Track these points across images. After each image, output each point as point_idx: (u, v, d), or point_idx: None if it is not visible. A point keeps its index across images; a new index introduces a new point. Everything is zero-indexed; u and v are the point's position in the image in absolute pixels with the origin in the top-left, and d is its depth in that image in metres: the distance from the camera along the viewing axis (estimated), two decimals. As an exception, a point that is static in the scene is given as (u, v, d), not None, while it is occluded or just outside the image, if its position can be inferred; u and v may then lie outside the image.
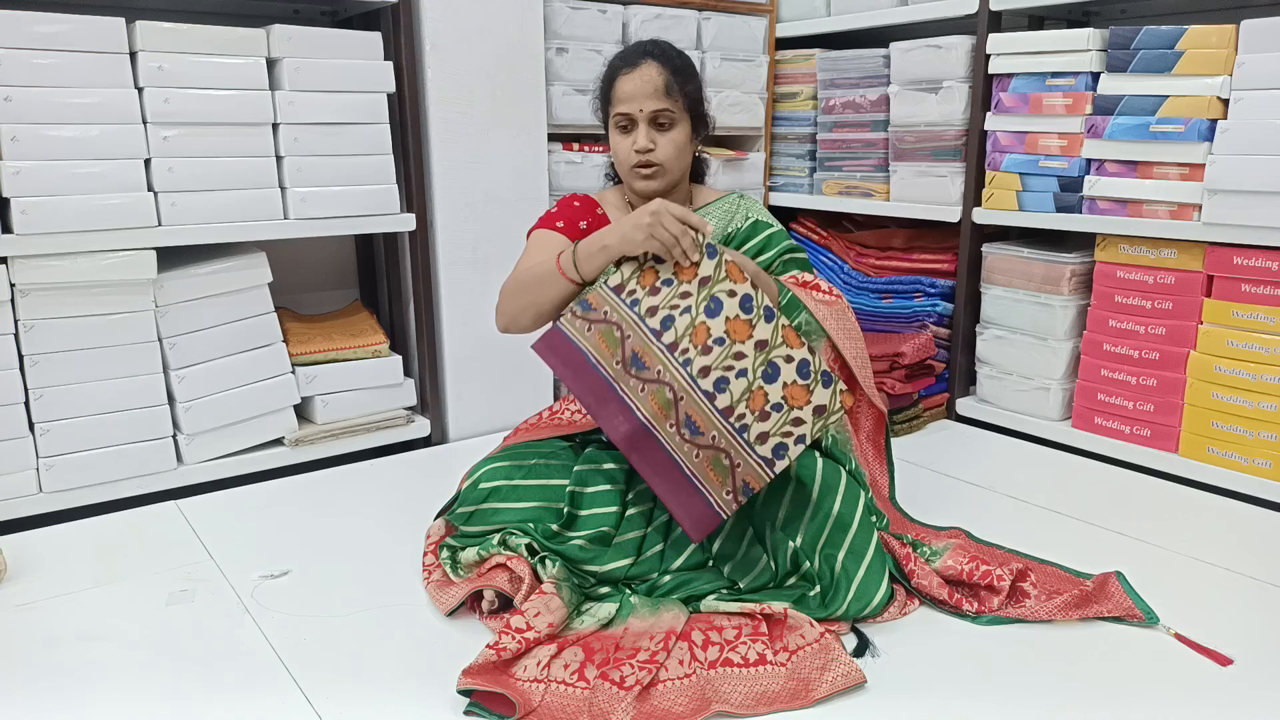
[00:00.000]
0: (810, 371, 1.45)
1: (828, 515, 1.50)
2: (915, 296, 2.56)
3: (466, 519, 1.58)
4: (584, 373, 1.48)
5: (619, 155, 1.67)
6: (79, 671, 1.35)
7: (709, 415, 1.44)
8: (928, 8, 2.48)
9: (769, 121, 2.87)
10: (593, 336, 1.49)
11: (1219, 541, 1.76)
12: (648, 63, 1.63)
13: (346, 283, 2.58)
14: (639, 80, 1.62)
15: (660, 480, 1.44)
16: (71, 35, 1.82)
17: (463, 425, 2.40)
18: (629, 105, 1.62)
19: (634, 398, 1.45)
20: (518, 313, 1.62)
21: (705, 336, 1.45)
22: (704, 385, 1.44)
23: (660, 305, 1.47)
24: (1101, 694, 1.28)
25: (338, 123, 2.11)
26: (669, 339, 1.46)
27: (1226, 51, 1.93)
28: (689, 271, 1.48)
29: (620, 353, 1.47)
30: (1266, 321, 1.94)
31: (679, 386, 1.44)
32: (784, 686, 1.28)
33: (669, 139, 1.64)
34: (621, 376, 1.46)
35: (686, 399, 1.44)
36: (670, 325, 1.46)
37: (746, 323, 1.45)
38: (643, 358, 1.46)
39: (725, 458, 1.43)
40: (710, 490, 1.43)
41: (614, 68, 1.67)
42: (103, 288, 1.91)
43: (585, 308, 1.50)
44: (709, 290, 1.46)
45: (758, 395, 1.43)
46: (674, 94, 1.62)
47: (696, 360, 1.44)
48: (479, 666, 1.27)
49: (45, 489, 1.91)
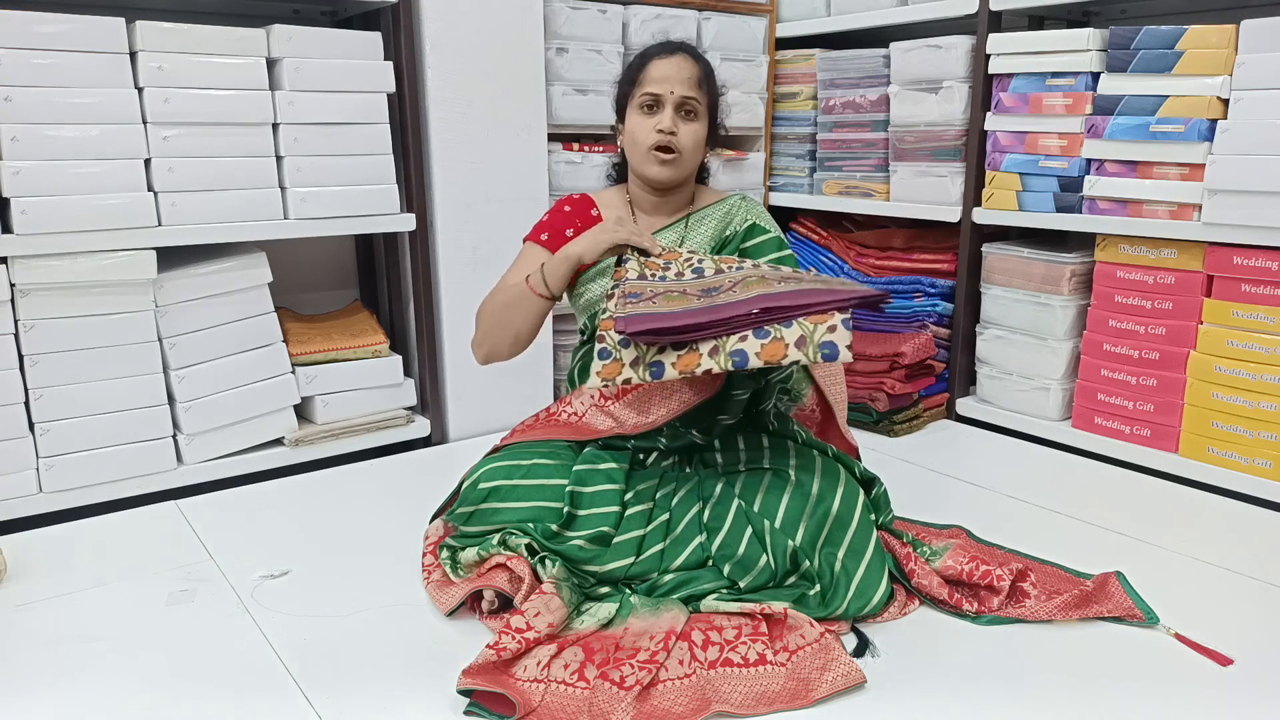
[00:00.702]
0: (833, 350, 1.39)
1: (827, 513, 1.50)
2: (915, 296, 2.56)
3: (466, 519, 1.58)
4: (683, 316, 1.41)
5: (637, 135, 1.67)
6: (79, 671, 1.35)
7: (788, 279, 1.48)
8: (928, 8, 2.48)
9: (769, 121, 2.87)
10: (661, 304, 1.46)
11: (1219, 541, 1.76)
12: (683, 54, 1.68)
13: (346, 283, 2.58)
14: (674, 66, 1.66)
15: (817, 298, 1.40)
16: (71, 35, 1.82)
17: (463, 425, 2.40)
18: (660, 86, 1.65)
19: (735, 295, 1.44)
20: (497, 340, 1.66)
21: (730, 263, 1.57)
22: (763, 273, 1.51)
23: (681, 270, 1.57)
24: (1101, 694, 1.28)
25: (338, 123, 2.11)
26: (710, 270, 1.56)
27: (1226, 51, 1.93)
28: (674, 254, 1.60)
29: (691, 298, 1.47)
30: (1266, 321, 1.94)
31: (755, 278, 1.49)
32: (784, 686, 1.28)
33: (692, 129, 1.67)
34: (711, 301, 1.44)
35: (768, 275, 1.50)
36: (701, 271, 1.57)
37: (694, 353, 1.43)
38: (710, 287, 1.50)
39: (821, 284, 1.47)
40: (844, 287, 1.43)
41: (647, 53, 1.70)
42: (103, 288, 1.91)
43: (635, 297, 1.48)
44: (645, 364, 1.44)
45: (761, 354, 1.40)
46: (703, 88, 1.68)
47: (742, 274, 1.52)
48: (479, 666, 1.27)
49: (45, 489, 1.91)
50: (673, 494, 1.59)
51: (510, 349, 1.68)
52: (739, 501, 1.54)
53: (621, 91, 1.73)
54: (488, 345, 1.68)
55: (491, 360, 1.70)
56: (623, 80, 1.74)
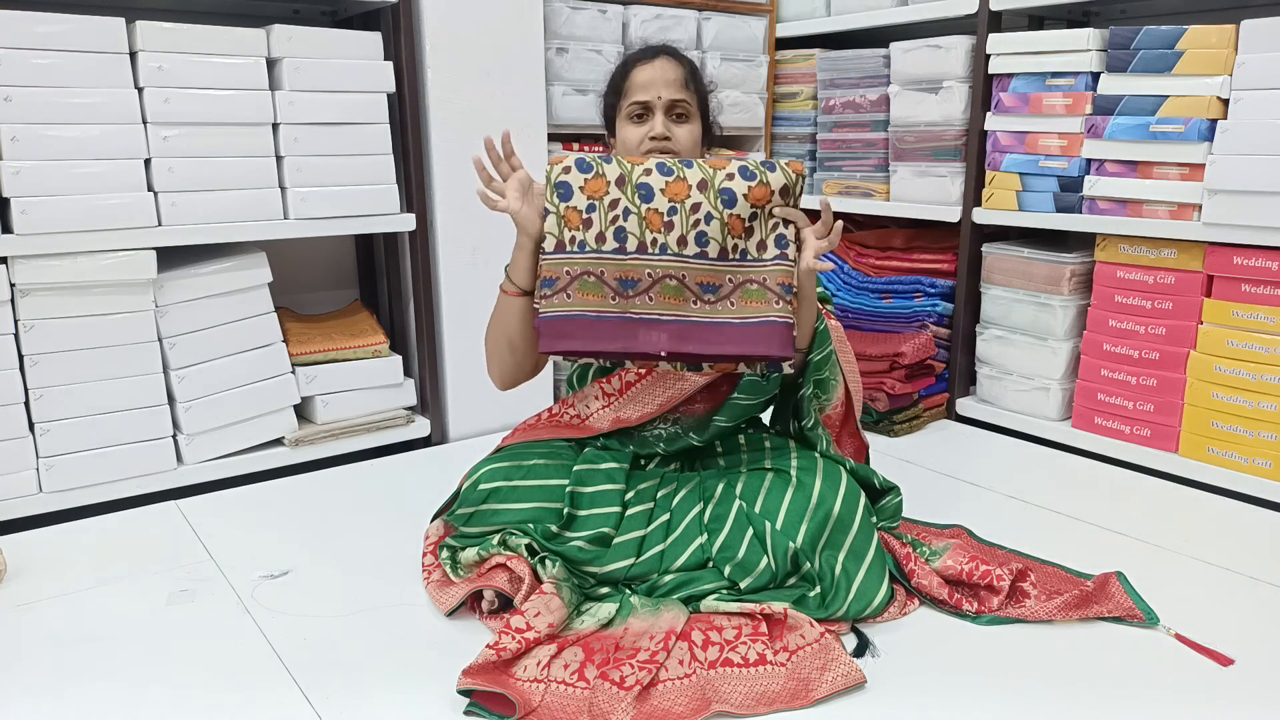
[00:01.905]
0: (752, 170, 1.47)
1: (828, 516, 1.50)
2: (915, 296, 2.56)
3: (466, 520, 1.58)
4: (596, 329, 1.47)
5: (629, 145, 1.62)
6: (79, 671, 1.35)
7: (713, 268, 1.47)
8: (928, 8, 2.48)
9: (769, 121, 2.87)
10: (575, 297, 1.48)
11: (1219, 541, 1.76)
12: (665, 57, 1.63)
13: (346, 283, 2.58)
14: (658, 69, 1.61)
15: (723, 346, 1.47)
16: (71, 35, 1.82)
17: (463, 425, 2.40)
18: (647, 93, 1.60)
19: (649, 310, 1.48)
20: (495, 353, 1.61)
21: (658, 218, 1.47)
22: (690, 251, 1.47)
23: (602, 229, 1.48)
24: (1101, 694, 1.28)
25: (338, 123, 2.11)
26: (633, 245, 1.47)
27: (1226, 51, 1.93)
28: (597, 184, 1.48)
29: (607, 289, 1.47)
30: (1266, 321, 1.94)
31: (674, 269, 1.47)
32: (784, 686, 1.28)
33: (685, 131, 1.62)
34: (625, 305, 1.48)
35: (688, 273, 1.47)
36: (624, 235, 1.48)
37: (680, 181, 1.47)
38: (628, 276, 1.47)
39: (751, 284, 1.47)
40: (763, 314, 1.46)
41: (629, 61, 1.65)
42: (103, 288, 1.91)
43: (549, 284, 1.49)
44: (631, 184, 1.48)
45: (733, 221, 1.46)
46: (690, 88, 1.62)
47: (668, 239, 1.47)
48: (479, 666, 1.27)
49: (45, 489, 1.91)
50: (673, 494, 1.59)
51: (512, 358, 1.60)
52: (740, 502, 1.54)
53: (608, 104, 1.68)
54: (493, 362, 1.64)
55: (506, 380, 1.65)
56: (607, 92, 1.68)
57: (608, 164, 1.49)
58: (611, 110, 1.67)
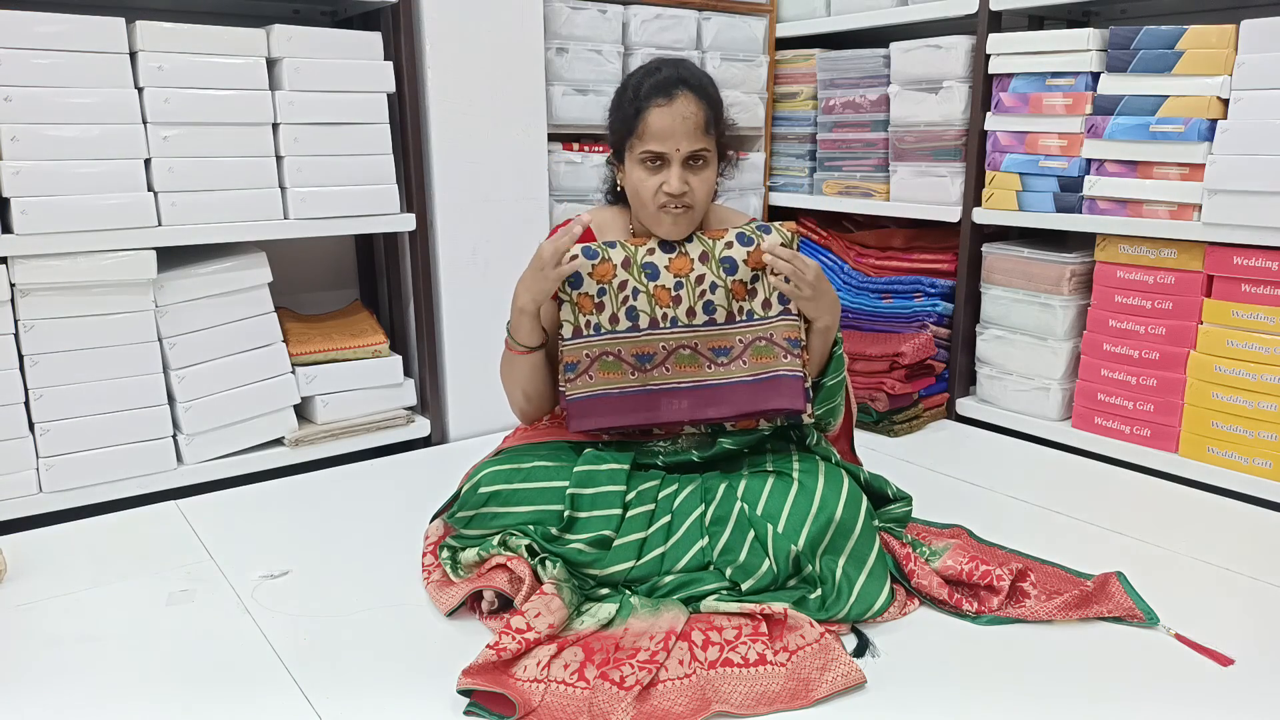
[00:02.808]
0: (749, 236, 1.57)
1: (830, 519, 1.49)
2: (915, 296, 2.56)
3: (467, 523, 1.58)
4: (621, 404, 1.59)
5: (642, 193, 1.52)
6: (79, 671, 1.35)
7: (722, 333, 1.59)
8: (928, 8, 2.48)
9: (769, 121, 2.87)
10: (598, 377, 1.59)
11: (1219, 541, 1.76)
12: (685, 95, 1.49)
13: (346, 283, 2.58)
14: (677, 116, 1.47)
15: (742, 406, 1.58)
16: (71, 35, 1.82)
17: (463, 425, 2.40)
18: (664, 144, 1.48)
19: (667, 380, 1.59)
20: (518, 399, 1.69)
21: (666, 294, 1.57)
22: (699, 321, 1.58)
23: (615, 310, 1.58)
24: (1101, 694, 1.28)
25: (338, 123, 2.11)
26: (645, 322, 1.58)
27: (1226, 51, 1.93)
28: (605, 269, 1.56)
29: (626, 366, 1.59)
30: (1266, 321, 1.94)
31: (686, 339, 1.59)
32: (784, 686, 1.28)
33: (702, 179, 1.52)
34: (645, 379, 1.59)
35: (699, 341, 1.59)
36: (635, 314, 1.58)
37: (683, 257, 1.57)
38: (644, 351, 1.59)
39: (760, 341, 1.58)
40: (774, 369, 1.57)
41: (645, 96, 1.49)
42: (103, 288, 1.90)
43: (571, 369, 1.59)
44: (637, 265, 1.57)
45: (736, 288, 1.57)
46: (711, 131, 1.52)
47: (678, 313, 1.58)
48: (479, 666, 1.27)
49: (45, 489, 1.91)
50: (674, 495, 1.59)
51: (530, 405, 1.69)
52: (742, 505, 1.54)
53: (617, 135, 1.56)
54: (514, 406, 1.72)
55: (529, 419, 1.73)
56: (616, 120, 1.55)
57: (612, 249, 1.58)
58: (620, 142, 1.56)
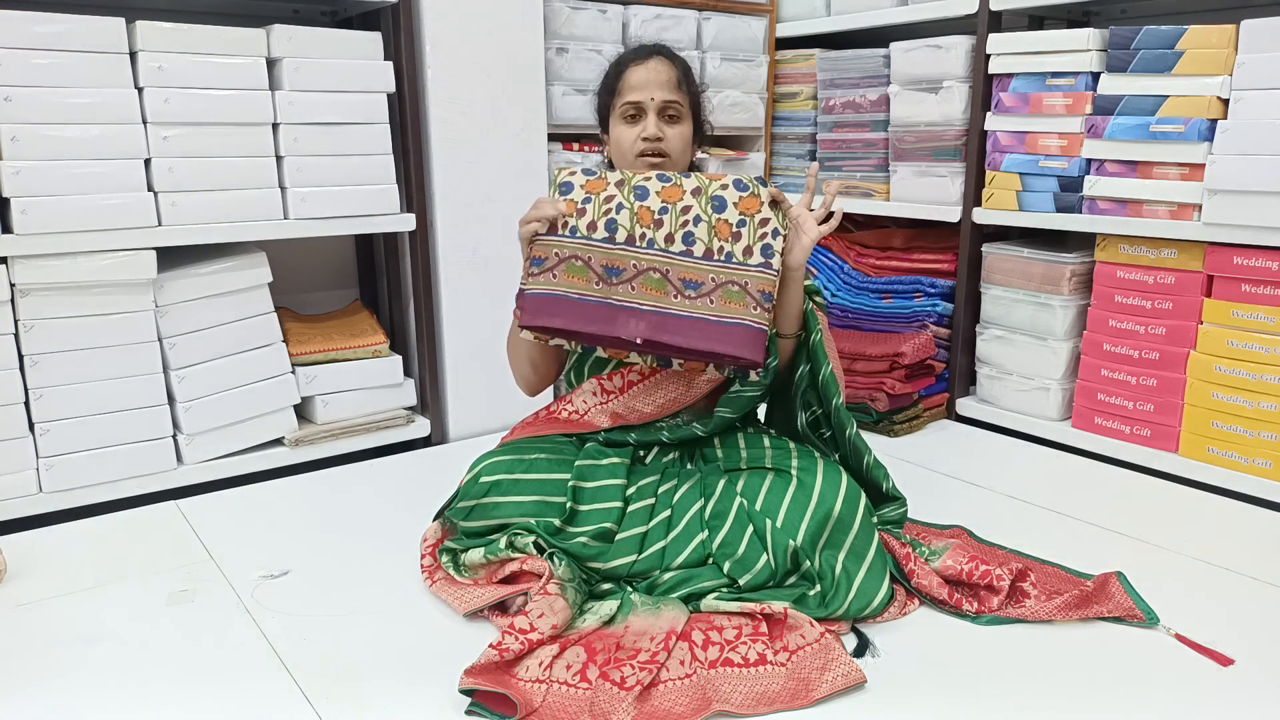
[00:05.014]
0: (745, 184, 1.56)
1: (828, 515, 1.50)
2: (915, 296, 2.56)
3: (466, 514, 1.58)
4: (577, 310, 1.54)
5: (623, 145, 1.66)
6: (79, 671, 1.35)
7: (697, 266, 1.54)
8: (928, 8, 2.48)
9: (769, 121, 2.87)
10: (561, 278, 1.55)
11: (1219, 541, 1.76)
12: (658, 58, 1.66)
13: (346, 283, 2.58)
14: (651, 71, 1.64)
15: (698, 342, 1.52)
16: (71, 35, 1.82)
17: (463, 425, 2.40)
18: (640, 93, 1.63)
19: (630, 298, 1.54)
20: (525, 369, 1.74)
21: (649, 216, 1.55)
22: (676, 249, 1.55)
23: (595, 219, 1.55)
24: (1101, 694, 1.28)
25: (338, 123, 2.11)
26: (622, 236, 1.55)
27: (1226, 51, 1.93)
28: (597, 184, 1.57)
29: (592, 274, 1.55)
30: (1266, 321, 1.94)
31: (659, 263, 1.54)
32: (784, 686, 1.28)
33: (677, 132, 1.65)
34: (608, 291, 1.55)
35: (671, 268, 1.54)
36: (614, 227, 1.55)
37: (676, 187, 1.56)
38: (614, 265, 1.55)
39: (733, 285, 1.53)
40: (740, 317, 1.53)
41: (622, 61, 1.68)
42: (103, 288, 1.90)
43: (537, 264, 1.56)
44: (629, 185, 1.57)
45: (720, 226, 1.54)
46: (683, 89, 1.66)
47: (656, 236, 1.55)
48: (481, 667, 1.27)
49: (45, 489, 1.91)
50: (674, 490, 1.60)
51: (536, 374, 1.73)
52: (741, 500, 1.54)
53: (602, 102, 1.71)
54: (519, 377, 1.76)
55: (533, 390, 1.77)
56: (601, 90, 1.71)
57: (611, 172, 1.58)
58: (605, 109, 1.70)
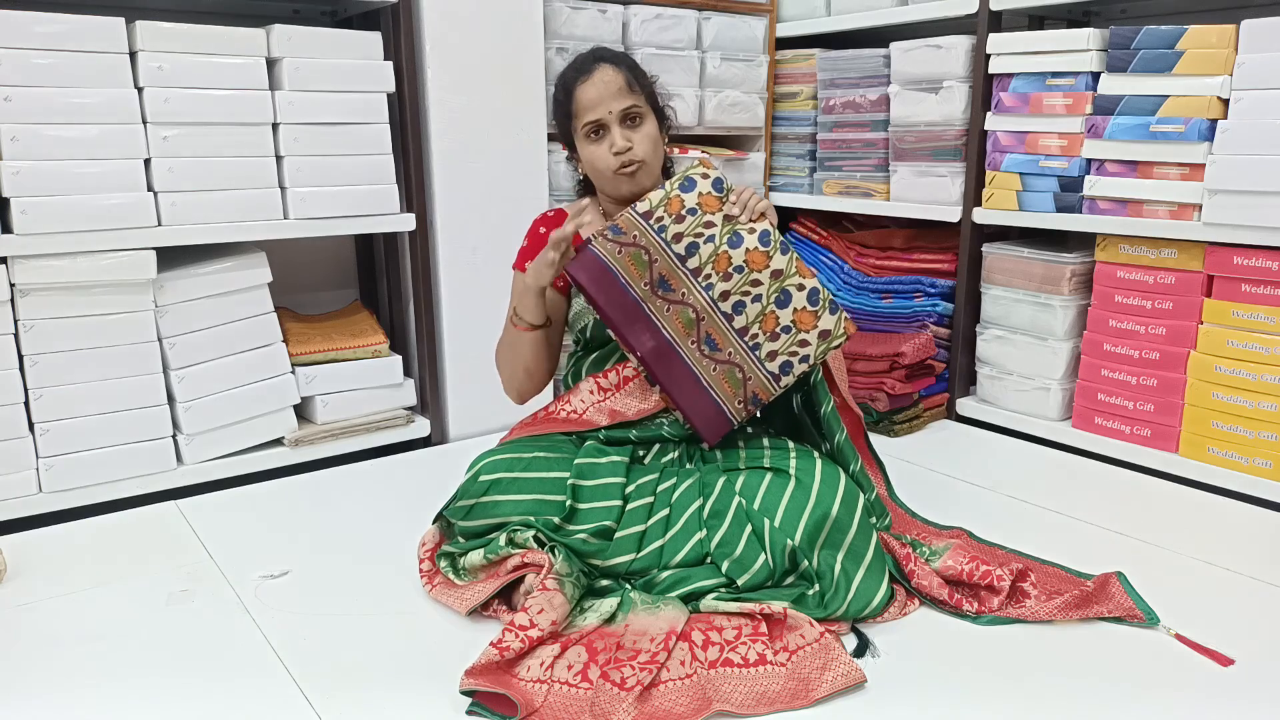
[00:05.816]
0: (819, 300, 1.61)
1: (826, 515, 1.50)
2: (915, 296, 2.56)
3: (466, 513, 1.58)
4: (614, 291, 1.59)
5: (597, 164, 1.65)
6: (79, 671, 1.35)
7: (727, 334, 1.60)
8: (928, 8, 2.48)
9: (769, 121, 2.87)
10: (623, 258, 1.59)
11: (1219, 541, 1.76)
12: (601, 67, 1.63)
13: (346, 283, 2.58)
14: (599, 83, 1.61)
15: (679, 390, 1.60)
16: (71, 35, 1.82)
17: (463, 425, 2.40)
18: (597, 111, 1.61)
19: (660, 317, 1.60)
20: (513, 378, 1.74)
21: (726, 264, 1.59)
22: (724, 308, 1.60)
23: (685, 232, 1.59)
24: (1101, 694, 1.28)
25: (338, 122, 2.11)
26: (693, 264, 1.60)
27: (1226, 51, 1.93)
28: (711, 202, 1.60)
29: (649, 275, 1.59)
30: (1266, 321, 1.94)
31: (701, 308, 1.60)
32: (784, 686, 1.28)
33: (644, 134, 1.64)
34: (649, 297, 1.60)
35: (707, 319, 1.60)
36: (695, 251, 1.59)
37: (764, 254, 1.59)
38: (669, 280, 1.60)
39: (739, 371, 1.60)
40: (724, 399, 1.60)
41: (568, 80, 1.65)
42: (103, 288, 1.91)
43: (616, 231, 1.60)
44: (730, 227, 1.60)
45: (770, 318, 1.60)
46: (636, 89, 1.64)
47: (718, 285, 1.59)
48: (482, 667, 1.27)
49: (45, 489, 1.91)
50: (673, 489, 1.59)
51: (529, 381, 1.73)
52: (739, 499, 1.54)
53: (561, 126, 1.70)
54: (512, 385, 1.76)
55: (524, 397, 1.77)
56: (557, 114, 1.70)
57: (732, 204, 1.61)
58: (567, 133, 1.69)
